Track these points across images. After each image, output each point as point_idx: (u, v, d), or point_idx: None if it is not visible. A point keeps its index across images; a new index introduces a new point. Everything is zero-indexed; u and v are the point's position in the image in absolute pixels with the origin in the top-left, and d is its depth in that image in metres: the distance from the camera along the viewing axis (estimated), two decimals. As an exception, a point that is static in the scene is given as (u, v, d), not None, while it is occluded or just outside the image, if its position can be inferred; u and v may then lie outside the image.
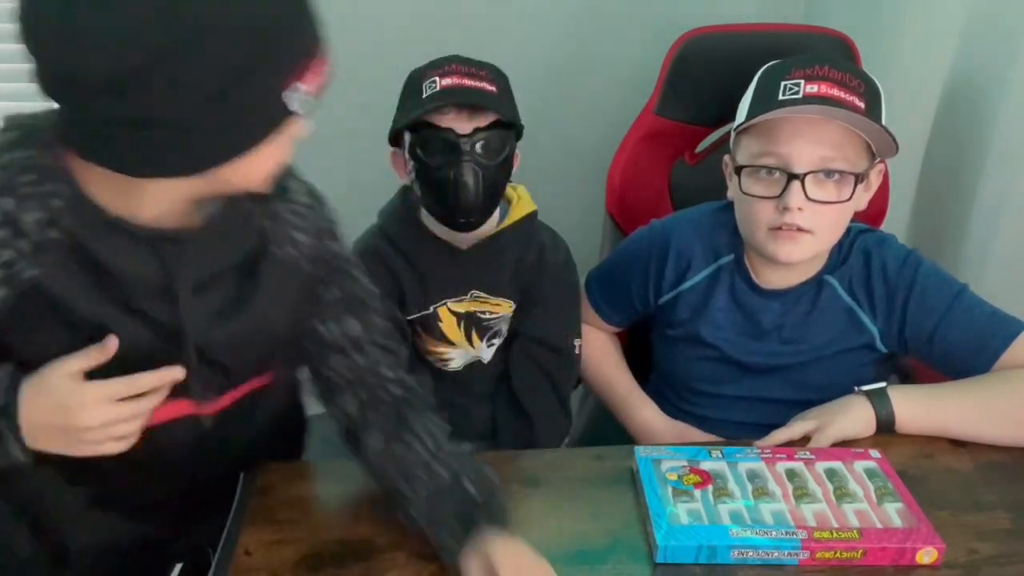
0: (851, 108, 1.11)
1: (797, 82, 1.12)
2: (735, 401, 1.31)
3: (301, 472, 1.09)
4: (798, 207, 1.13)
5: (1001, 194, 1.39)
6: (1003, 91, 1.38)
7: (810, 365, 1.27)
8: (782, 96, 1.13)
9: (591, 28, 2.12)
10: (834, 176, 1.14)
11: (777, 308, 1.27)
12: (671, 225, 1.36)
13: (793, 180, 1.13)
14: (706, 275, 1.31)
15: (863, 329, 1.24)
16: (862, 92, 1.13)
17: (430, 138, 1.17)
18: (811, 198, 1.13)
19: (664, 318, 1.37)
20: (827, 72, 1.12)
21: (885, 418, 1.12)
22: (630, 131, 1.70)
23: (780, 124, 1.14)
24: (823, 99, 1.10)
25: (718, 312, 1.30)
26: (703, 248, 1.31)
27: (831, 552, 0.92)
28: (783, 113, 1.13)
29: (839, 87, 1.11)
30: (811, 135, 1.12)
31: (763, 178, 1.17)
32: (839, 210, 1.16)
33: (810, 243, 1.17)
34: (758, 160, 1.16)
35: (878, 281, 1.23)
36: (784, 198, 1.13)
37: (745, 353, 1.29)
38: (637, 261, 1.37)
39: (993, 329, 1.17)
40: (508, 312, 1.31)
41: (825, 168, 1.13)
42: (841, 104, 1.10)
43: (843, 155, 1.13)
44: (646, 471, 1.02)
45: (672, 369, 1.38)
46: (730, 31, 1.64)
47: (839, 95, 1.11)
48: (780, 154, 1.14)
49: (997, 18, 1.40)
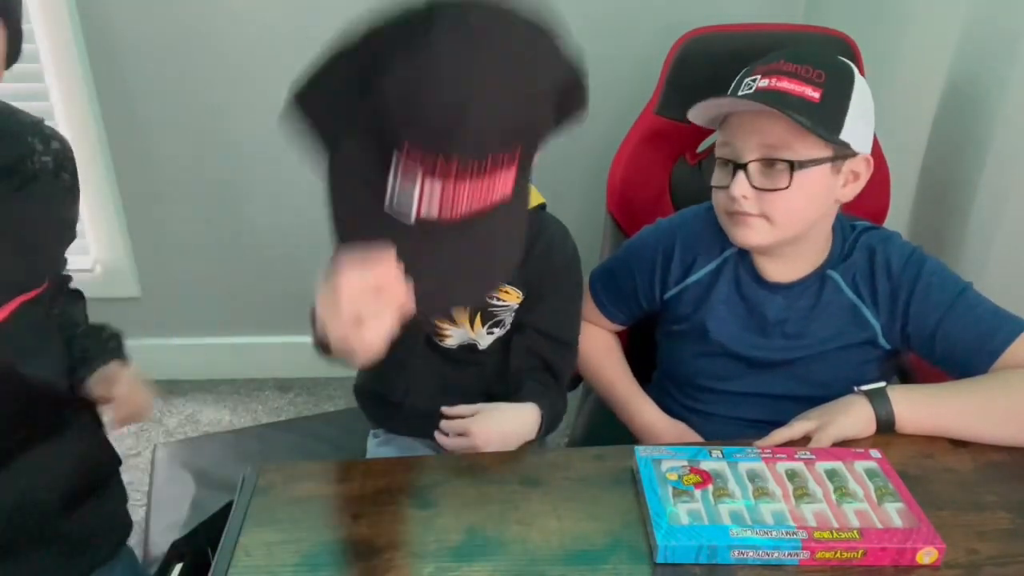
0: (800, 97, 1.14)
1: (755, 78, 1.18)
2: (739, 397, 1.31)
3: (301, 472, 1.09)
4: (743, 195, 1.18)
5: (1001, 194, 1.39)
6: (1003, 91, 1.38)
7: (813, 360, 1.27)
8: (740, 92, 1.19)
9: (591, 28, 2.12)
10: (778, 165, 1.17)
11: (780, 302, 1.27)
12: (677, 221, 1.39)
13: (738, 169, 1.18)
14: (711, 269, 1.32)
15: (866, 325, 1.25)
16: (820, 82, 1.15)
17: None
18: (756, 186, 1.17)
19: (669, 314, 1.38)
20: (782, 66, 1.17)
21: (885, 418, 1.12)
22: (631, 131, 1.71)
23: (732, 118, 1.21)
24: (771, 92, 1.15)
25: (720, 305, 1.31)
26: (708, 242, 1.33)
27: (831, 552, 0.92)
28: (722, 108, 1.21)
29: (790, 79, 1.15)
30: (752, 127, 1.17)
31: (721, 168, 1.23)
32: (785, 197, 1.17)
33: (766, 228, 1.20)
34: (719, 152, 1.23)
35: (882, 277, 1.23)
36: (731, 187, 1.19)
37: (747, 348, 1.29)
38: (643, 257, 1.38)
39: (995, 327, 1.18)
40: (515, 302, 1.31)
41: (767, 158, 1.17)
42: (789, 94, 1.14)
43: (787, 146, 1.16)
44: (646, 471, 1.02)
45: (676, 365, 1.39)
46: (731, 31, 1.65)
47: (787, 87, 1.15)
48: (731, 145, 1.20)
49: (997, 18, 1.40)
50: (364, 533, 0.97)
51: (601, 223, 1.75)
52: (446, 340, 1.33)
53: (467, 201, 0.81)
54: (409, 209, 0.80)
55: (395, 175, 0.79)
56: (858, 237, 1.26)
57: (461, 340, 1.33)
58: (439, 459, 1.17)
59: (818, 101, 1.14)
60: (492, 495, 1.03)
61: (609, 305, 1.43)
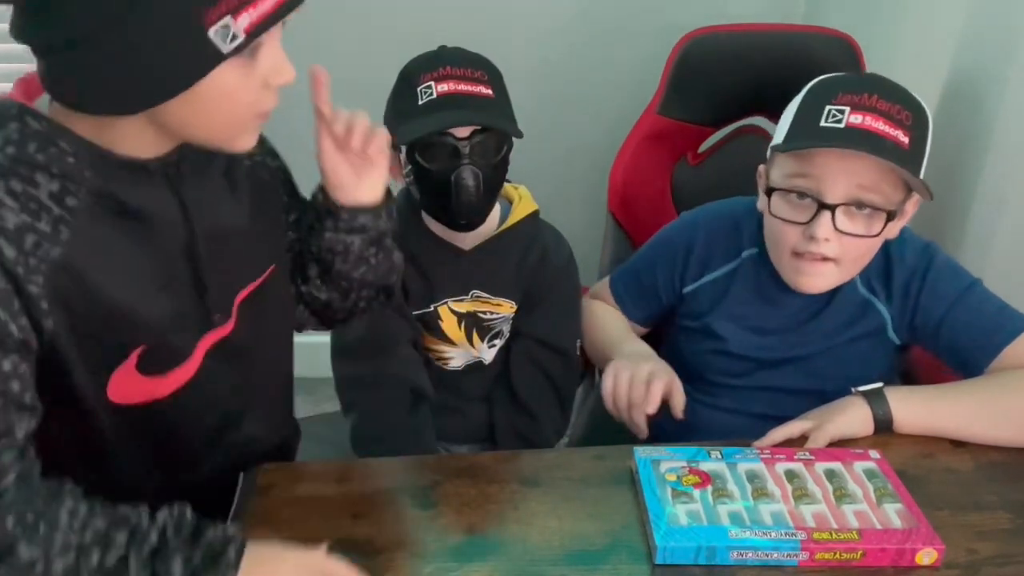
0: (894, 143, 1.08)
1: (842, 109, 1.09)
2: (748, 391, 1.30)
3: (301, 472, 1.09)
4: (825, 238, 1.12)
5: (1001, 194, 1.39)
6: (1003, 90, 1.37)
7: (822, 355, 1.27)
8: (824, 122, 1.10)
9: (594, 28, 2.13)
10: (865, 210, 1.12)
11: (799, 303, 1.26)
12: (700, 216, 1.37)
13: (823, 210, 1.11)
14: (729, 268, 1.31)
15: (876, 316, 1.25)
16: (909, 125, 1.09)
17: (429, 144, 1.17)
18: (840, 229, 1.12)
19: (685, 308, 1.37)
20: (875, 103, 1.09)
21: (882, 418, 1.11)
22: (633, 131, 1.71)
23: (818, 150, 1.12)
24: (866, 132, 1.08)
25: (737, 305, 1.30)
26: (728, 241, 1.31)
27: (830, 553, 0.92)
28: (820, 144, 1.10)
29: (884, 119, 1.08)
30: (847, 167, 1.10)
31: (793, 201, 1.15)
32: (867, 243, 1.15)
33: (833, 273, 1.17)
34: (791, 181, 1.15)
35: (898, 270, 1.23)
36: (812, 226, 1.12)
37: (760, 349, 1.29)
38: (666, 251, 1.37)
39: (1000, 323, 1.18)
40: (509, 312, 1.31)
41: (858, 201, 1.11)
42: (884, 138, 1.08)
43: (878, 190, 1.11)
44: (645, 472, 1.02)
45: (686, 358, 1.37)
46: (732, 31, 1.65)
47: (883, 129, 1.08)
48: (814, 179, 1.12)
49: (997, 18, 1.40)
50: (364, 533, 0.97)
51: (602, 223, 1.75)
52: (449, 363, 1.33)
53: None
54: None
55: None
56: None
57: (465, 360, 1.33)
58: (439, 459, 1.18)
59: (907, 148, 1.09)
60: (492, 495, 1.03)
61: (630, 304, 1.41)
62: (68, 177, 0.80)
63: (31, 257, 0.77)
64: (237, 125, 0.85)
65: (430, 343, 1.31)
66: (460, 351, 1.32)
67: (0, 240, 0.75)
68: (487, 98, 1.17)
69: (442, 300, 1.29)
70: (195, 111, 0.80)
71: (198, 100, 0.79)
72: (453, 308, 1.29)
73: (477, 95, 1.17)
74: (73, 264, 0.80)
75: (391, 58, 1.26)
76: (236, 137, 0.86)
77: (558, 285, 1.34)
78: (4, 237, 0.75)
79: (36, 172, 0.78)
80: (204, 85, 0.77)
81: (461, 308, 1.30)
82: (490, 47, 1.26)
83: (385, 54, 1.31)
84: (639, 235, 1.64)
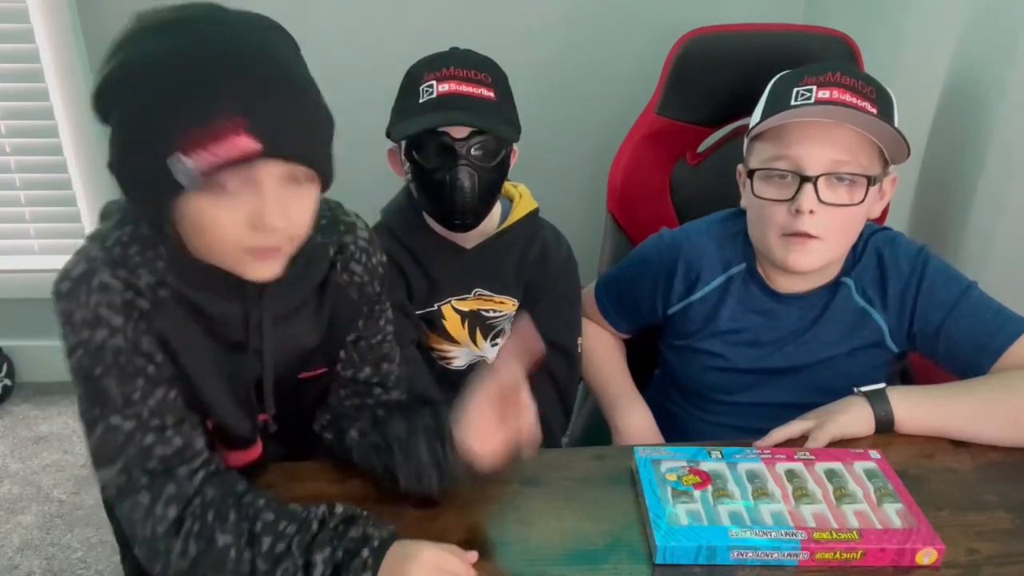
0: (863, 112, 1.11)
1: (809, 88, 1.14)
2: (747, 407, 1.30)
3: (301, 472, 1.09)
4: (810, 210, 1.13)
5: (1000, 194, 1.39)
6: (1003, 91, 1.38)
7: (821, 366, 1.27)
8: (794, 102, 1.14)
9: (593, 28, 2.13)
10: (846, 180, 1.14)
11: (795, 313, 1.27)
12: (680, 237, 1.36)
13: (805, 183, 1.14)
14: (716, 286, 1.31)
15: (873, 327, 1.25)
16: (874, 98, 1.13)
17: (426, 142, 1.17)
18: (823, 200, 1.14)
19: (673, 329, 1.37)
20: (839, 78, 1.13)
21: (884, 418, 1.12)
22: (631, 131, 1.71)
23: (793, 128, 1.15)
24: (836, 104, 1.11)
25: (728, 322, 1.30)
26: (713, 259, 1.31)
27: (831, 553, 0.92)
28: (794, 117, 1.13)
29: (851, 92, 1.12)
30: (823, 138, 1.13)
31: (776, 181, 1.18)
32: (850, 214, 1.16)
33: (821, 250, 1.17)
34: (771, 163, 1.17)
35: (892, 278, 1.23)
36: (796, 200, 1.14)
37: (756, 361, 1.29)
38: (646, 272, 1.37)
39: (998, 326, 1.18)
40: (512, 310, 1.31)
41: (837, 171, 1.14)
42: (853, 108, 1.11)
43: (855, 159, 1.14)
44: (645, 472, 1.02)
45: (682, 378, 1.37)
46: (731, 31, 1.65)
47: (851, 100, 1.12)
48: (793, 157, 1.15)
49: (997, 18, 1.40)
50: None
51: (601, 222, 1.75)
52: (453, 362, 1.33)
53: None
54: None
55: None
56: (867, 240, 1.26)
57: (469, 359, 1.33)
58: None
59: (876, 116, 1.12)
60: (492, 495, 1.03)
61: (613, 314, 1.42)
62: (159, 277, 0.90)
63: (140, 322, 0.89)
64: (228, 256, 0.87)
65: (434, 342, 1.31)
66: (464, 350, 1.32)
67: (110, 312, 0.87)
68: (488, 100, 1.17)
69: (445, 299, 1.29)
70: (191, 236, 0.87)
71: (189, 226, 0.85)
72: (456, 307, 1.29)
73: (478, 97, 1.16)
74: (165, 335, 0.91)
75: (391, 58, 1.26)
76: (236, 267, 0.88)
77: (558, 282, 1.34)
78: (111, 309, 0.87)
79: (138, 268, 0.89)
80: (187, 213, 0.83)
81: (464, 307, 1.30)
82: (490, 47, 1.26)
83: (385, 54, 1.31)
84: (638, 235, 1.64)
